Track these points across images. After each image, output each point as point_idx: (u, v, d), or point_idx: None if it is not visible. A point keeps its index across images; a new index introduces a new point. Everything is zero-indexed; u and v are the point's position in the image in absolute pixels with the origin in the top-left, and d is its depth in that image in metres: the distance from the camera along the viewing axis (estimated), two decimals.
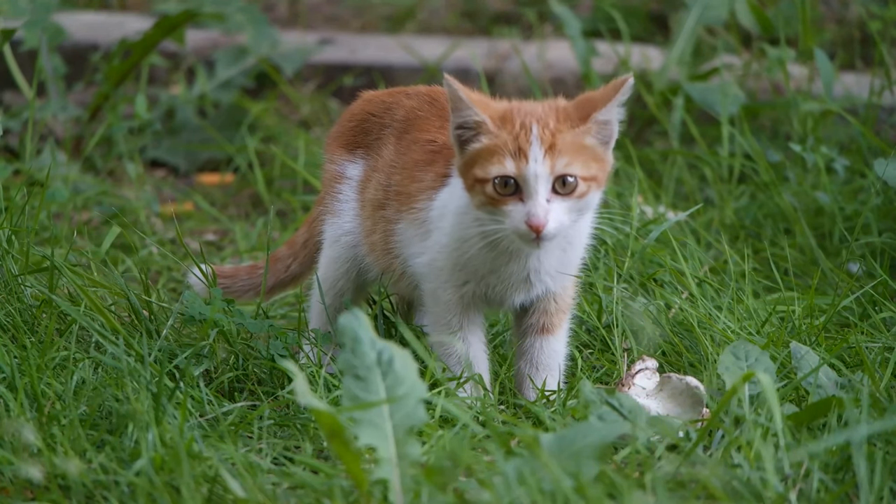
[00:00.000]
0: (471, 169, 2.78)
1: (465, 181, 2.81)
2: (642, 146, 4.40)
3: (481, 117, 2.78)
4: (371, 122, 3.12)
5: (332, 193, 3.13)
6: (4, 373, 2.75)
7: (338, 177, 3.14)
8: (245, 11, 4.73)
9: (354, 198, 3.11)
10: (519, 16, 5.46)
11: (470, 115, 2.78)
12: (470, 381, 2.84)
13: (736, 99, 4.11)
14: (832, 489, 2.41)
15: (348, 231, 3.11)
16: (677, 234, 3.50)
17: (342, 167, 3.13)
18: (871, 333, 3.10)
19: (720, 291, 3.23)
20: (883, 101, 4.22)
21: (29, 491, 2.46)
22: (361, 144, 3.12)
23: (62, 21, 4.72)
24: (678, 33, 4.54)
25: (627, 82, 2.78)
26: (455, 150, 2.83)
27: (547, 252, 2.86)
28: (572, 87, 4.70)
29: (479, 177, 2.77)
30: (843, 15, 4.96)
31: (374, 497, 2.34)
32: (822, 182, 3.83)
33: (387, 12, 5.61)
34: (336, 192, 3.13)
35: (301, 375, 2.32)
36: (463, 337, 2.94)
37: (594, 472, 2.28)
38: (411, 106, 3.07)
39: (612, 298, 3.10)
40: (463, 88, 2.78)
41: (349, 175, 3.13)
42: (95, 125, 4.50)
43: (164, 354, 2.86)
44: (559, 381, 2.92)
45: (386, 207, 3.01)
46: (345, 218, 3.11)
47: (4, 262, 3.09)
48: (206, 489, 2.40)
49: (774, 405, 2.42)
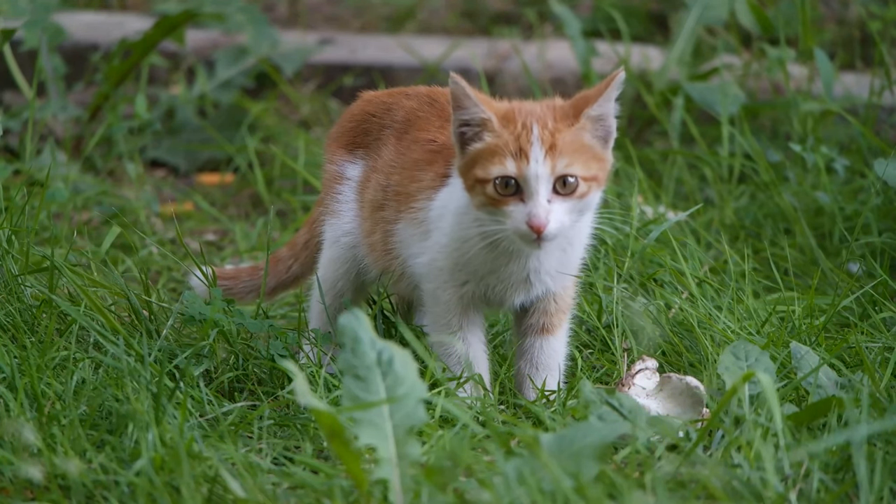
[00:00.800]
0: (472, 169, 2.79)
1: (465, 181, 2.81)
2: (642, 146, 4.40)
3: (488, 115, 2.78)
4: (371, 123, 3.12)
5: (331, 194, 3.13)
6: (4, 373, 2.75)
7: (337, 177, 3.14)
8: (245, 11, 4.73)
9: (354, 198, 3.11)
10: (519, 16, 5.46)
11: (477, 112, 2.79)
12: (470, 381, 2.84)
13: (736, 99, 4.11)
14: (832, 489, 2.41)
15: (348, 231, 3.11)
16: (677, 234, 3.50)
17: (342, 168, 3.13)
18: (871, 333, 3.10)
19: (720, 291, 3.23)
20: (883, 101, 4.22)
21: (29, 491, 2.46)
22: (361, 145, 3.12)
23: (62, 21, 4.72)
24: (678, 33, 4.54)
25: (619, 76, 2.80)
26: (456, 149, 2.83)
27: (547, 252, 2.86)
28: (572, 87, 4.70)
29: (480, 177, 2.78)
30: (843, 15, 4.96)
31: (374, 497, 2.34)
32: (822, 182, 3.83)
33: (387, 12, 5.61)
34: (336, 193, 3.13)
35: (301, 375, 2.32)
36: (463, 337, 2.94)
37: (594, 472, 2.28)
38: (411, 107, 3.07)
39: (612, 298, 3.10)
40: (469, 86, 2.78)
41: (349, 176, 3.13)
42: (95, 125, 4.49)
43: (164, 354, 2.86)
44: (559, 381, 2.92)
45: (385, 208, 3.01)
46: (344, 218, 3.11)
47: (4, 262, 3.09)
48: (206, 489, 2.40)
49: (774, 405, 2.42)
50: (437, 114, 3.03)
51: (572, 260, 2.91)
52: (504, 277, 2.89)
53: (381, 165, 3.04)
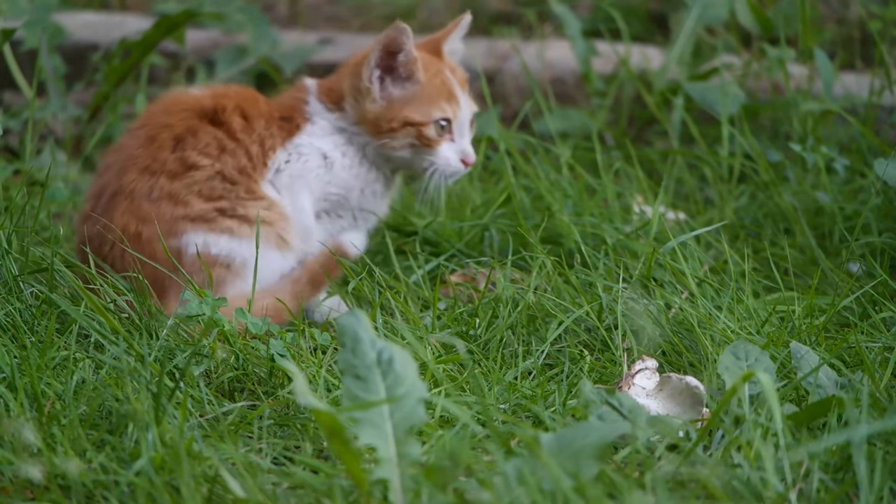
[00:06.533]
0: (399, 112, 3.17)
1: (382, 126, 3.17)
2: (642, 146, 4.40)
3: (419, 62, 3.21)
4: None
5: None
6: (4, 373, 2.75)
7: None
8: (245, 11, 4.72)
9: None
10: (519, 16, 5.46)
11: (413, 57, 3.19)
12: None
13: (736, 99, 4.11)
14: (832, 489, 2.41)
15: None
16: (677, 234, 3.50)
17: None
18: (871, 333, 3.10)
19: (720, 291, 3.23)
20: (883, 101, 4.21)
21: (29, 491, 2.46)
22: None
23: (62, 21, 4.71)
24: (678, 33, 4.54)
25: (464, 19, 3.36)
26: (370, 97, 3.19)
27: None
28: (572, 87, 4.70)
29: (416, 120, 3.17)
30: (843, 15, 4.95)
31: (374, 497, 2.34)
32: (822, 182, 3.83)
33: (387, 12, 5.60)
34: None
35: (301, 375, 2.32)
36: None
37: (594, 472, 2.28)
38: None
39: (611, 298, 3.10)
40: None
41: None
42: (95, 125, 4.49)
43: (164, 354, 2.86)
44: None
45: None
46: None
47: (4, 262, 3.09)
48: (206, 489, 2.40)
49: (774, 405, 2.42)
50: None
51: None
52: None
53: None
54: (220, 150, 3.16)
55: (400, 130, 3.20)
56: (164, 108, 3.23)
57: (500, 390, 2.85)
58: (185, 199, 3.11)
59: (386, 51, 3.21)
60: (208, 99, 3.22)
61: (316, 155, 3.23)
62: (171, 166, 3.13)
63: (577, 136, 4.40)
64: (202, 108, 3.20)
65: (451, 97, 3.21)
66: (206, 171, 3.14)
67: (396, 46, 3.20)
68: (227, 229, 3.12)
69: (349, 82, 3.25)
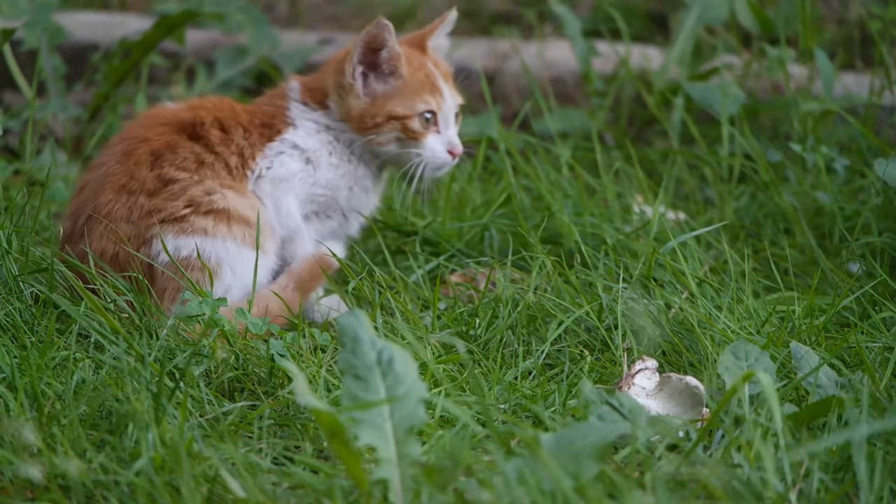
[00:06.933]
0: (384, 107, 3.20)
1: (367, 121, 3.19)
2: (642, 146, 4.40)
3: (403, 57, 3.22)
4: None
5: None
6: (4, 373, 2.75)
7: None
8: (245, 11, 4.72)
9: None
10: (519, 16, 5.46)
11: (396, 52, 3.21)
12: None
13: (736, 99, 4.11)
14: (832, 489, 2.41)
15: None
16: (677, 234, 3.50)
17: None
18: (871, 333, 3.10)
19: (720, 291, 3.23)
20: (883, 101, 4.21)
21: (29, 491, 2.46)
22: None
23: (62, 21, 4.71)
24: (678, 33, 4.54)
25: (450, 16, 3.33)
26: (353, 93, 3.21)
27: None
28: (572, 87, 4.70)
29: (400, 113, 3.19)
30: (843, 15, 4.96)
31: (374, 497, 2.34)
32: (822, 182, 3.83)
33: (387, 12, 5.60)
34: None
35: (301, 375, 2.32)
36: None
37: (594, 472, 2.28)
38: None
39: (611, 298, 3.10)
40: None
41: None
42: (95, 125, 4.49)
43: (164, 354, 2.86)
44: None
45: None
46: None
47: (4, 262, 3.09)
48: (206, 489, 2.40)
49: (774, 405, 2.42)
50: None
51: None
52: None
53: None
54: (198, 163, 3.15)
55: (385, 125, 3.22)
56: (141, 122, 3.23)
57: (500, 390, 2.85)
58: (161, 207, 3.11)
59: (368, 47, 3.22)
60: (186, 112, 3.21)
61: (298, 158, 3.23)
62: (149, 185, 3.12)
63: (577, 136, 4.40)
64: (180, 121, 3.19)
65: (435, 89, 3.24)
66: (183, 184, 3.12)
67: (379, 43, 3.20)
68: (200, 229, 3.11)
69: (333, 79, 3.26)
